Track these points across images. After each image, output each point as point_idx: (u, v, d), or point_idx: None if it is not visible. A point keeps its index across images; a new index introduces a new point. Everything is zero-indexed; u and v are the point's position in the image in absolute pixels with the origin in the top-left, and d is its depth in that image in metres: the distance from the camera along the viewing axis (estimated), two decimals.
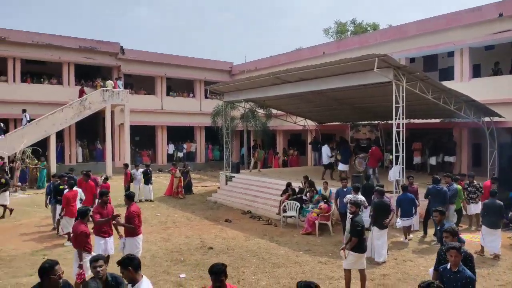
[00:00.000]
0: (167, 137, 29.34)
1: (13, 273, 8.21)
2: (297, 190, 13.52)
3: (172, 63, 28.71)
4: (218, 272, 4.04)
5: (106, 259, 4.61)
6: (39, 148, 21.47)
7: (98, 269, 4.35)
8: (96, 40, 25.90)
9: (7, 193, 13.72)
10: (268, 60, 28.77)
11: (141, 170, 17.46)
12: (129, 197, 7.95)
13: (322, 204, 11.71)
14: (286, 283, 7.82)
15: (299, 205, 12.42)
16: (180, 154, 29.65)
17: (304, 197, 12.95)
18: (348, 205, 7.33)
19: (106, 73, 26.80)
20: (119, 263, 4.24)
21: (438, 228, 7.34)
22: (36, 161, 20.63)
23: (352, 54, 13.38)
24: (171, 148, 29.58)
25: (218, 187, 18.72)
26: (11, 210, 13.70)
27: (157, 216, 13.88)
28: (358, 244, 6.97)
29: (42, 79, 24.86)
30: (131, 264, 4.18)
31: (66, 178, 11.69)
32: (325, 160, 16.85)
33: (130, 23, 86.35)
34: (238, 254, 9.50)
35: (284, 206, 12.72)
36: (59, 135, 23.71)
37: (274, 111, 23.27)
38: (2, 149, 20.34)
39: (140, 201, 16.09)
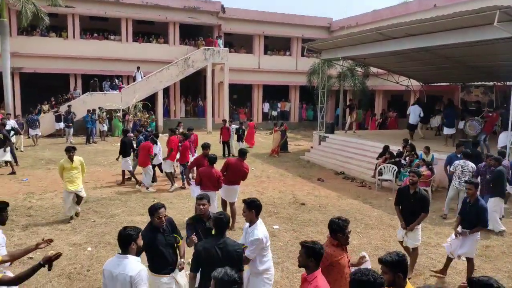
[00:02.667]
0: (263, 95, 29.85)
1: (129, 212, 9.32)
2: (395, 153, 12.96)
3: (270, 20, 28.56)
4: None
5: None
6: (149, 103, 23.45)
7: (201, 207, 4.89)
8: (199, 0, 26.72)
9: (8, 149, 13.27)
10: (370, 15, 27.08)
11: (234, 126, 18.14)
12: (243, 154, 8.60)
13: (424, 169, 11.10)
14: (378, 245, 7.73)
15: (396, 169, 11.94)
16: (275, 113, 30.09)
17: (402, 161, 12.37)
18: (410, 173, 6.47)
19: (208, 32, 27.73)
20: (247, 203, 4.63)
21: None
22: (146, 115, 22.58)
23: (468, 7, 11.94)
24: (266, 106, 30.11)
25: (311, 147, 18.73)
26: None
27: (252, 171, 14.45)
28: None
29: (150, 39, 26.64)
30: (255, 207, 4.59)
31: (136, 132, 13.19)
32: (413, 119, 15.97)
33: None
34: (330, 212, 9.56)
35: (380, 169, 12.34)
36: (166, 91, 25.49)
37: (374, 69, 22.11)
38: (118, 103, 22.65)
39: (233, 155, 16.84)
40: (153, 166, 11.73)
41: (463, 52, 14.00)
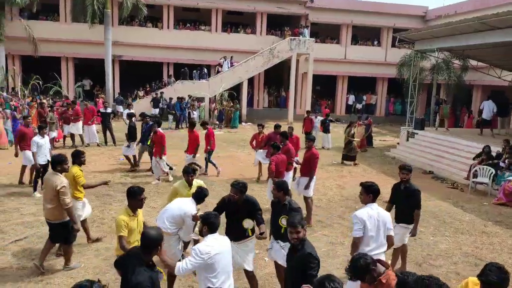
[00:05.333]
0: (348, 87, 29.03)
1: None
2: (494, 155, 11.84)
3: (360, 9, 27.53)
4: None
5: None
6: (234, 92, 24.11)
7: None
8: None
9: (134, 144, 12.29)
10: (471, 3, 24.81)
11: (319, 118, 17.90)
12: (312, 140, 8.42)
13: None
14: (469, 251, 7.19)
15: (493, 172, 10.91)
16: (359, 106, 29.11)
17: (501, 164, 11.28)
18: (401, 170, 6.23)
19: (294, 22, 27.60)
20: (365, 186, 4.86)
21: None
22: (231, 104, 23.27)
23: None
24: (351, 99, 29.24)
25: (398, 143, 17.86)
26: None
27: (333, 164, 14.22)
28: None
29: (238, 29, 27.25)
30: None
31: (147, 118, 12.15)
32: (486, 115, 15.19)
33: None
34: None
35: (475, 171, 11.37)
36: (250, 81, 25.97)
37: (473, 62, 20.30)
38: (206, 91, 23.63)
39: (324, 147, 16.68)
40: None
41: None
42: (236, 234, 4.96)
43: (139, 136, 12.04)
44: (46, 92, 20.72)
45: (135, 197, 4.65)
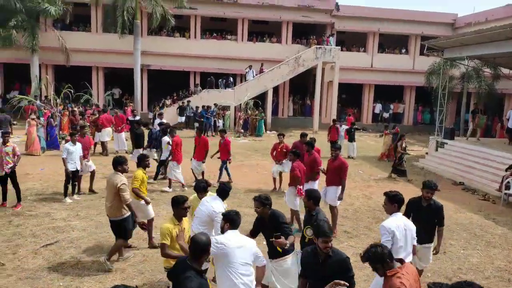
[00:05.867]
0: (374, 95, 28.67)
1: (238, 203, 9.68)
2: None
3: (387, 17, 27.24)
4: None
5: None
6: (259, 101, 24.21)
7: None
8: None
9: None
10: (502, 10, 24.16)
11: (344, 126, 17.73)
12: (339, 149, 8.34)
13: None
14: (501, 266, 6.94)
15: None
16: (386, 115, 28.68)
17: None
18: (425, 189, 5.61)
19: (320, 30, 27.54)
20: (389, 196, 4.81)
21: None
22: (256, 112, 23.36)
23: None
24: (378, 107, 28.85)
25: (426, 153, 17.46)
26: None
27: (360, 174, 14.03)
28: None
29: (264, 38, 27.42)
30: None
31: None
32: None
33: None
34: (446, 225, 8.77)
35: (508, 182, 10.98)
36: (275, 90, 26.02)
37: (505, 71, 19.72)
38: (231, 100, 23.82)
39: (350, 157, 16.48)
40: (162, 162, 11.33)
41: None
42: (270, 251, 4.91)
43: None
44: (77, 101, 21.40)
45: (178, 206, 4.79)
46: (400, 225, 4.65)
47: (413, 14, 27.52)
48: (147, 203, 6.89)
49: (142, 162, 6.87)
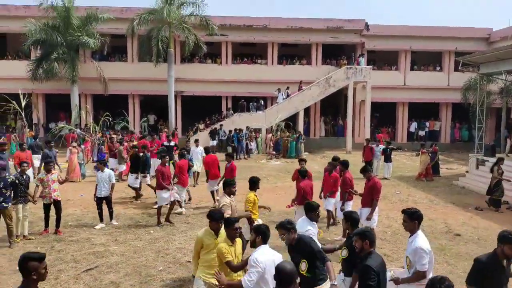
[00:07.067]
0: (408, 114, 28.07)
1: None
2: None
3: (418, 34, 26.87)
4: None
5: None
6: (290, 122, 24.22)
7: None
8: (343, 19, 26.70)
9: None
10: None
11: (381, 146, 17.39)
12: (366, 170, 8.25)
13: None
14: None
15: None
16: (422, 133, 27.93)
17: None
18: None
19: (350, 50, 27.51)
20: (408, 213, 4.83)
21: None
22: (288, 134, 23.34)
23: None
24: (413, 126, 28.17)
25: (467, 171, 16.78)
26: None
27: (397, 194, 13.63)
28: None
29: (294, 61, 27.64)
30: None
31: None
32: None
33: None
34: (490, 247, 8.34)
35: None
36: (306, 111, 25.99)
37: None
38: (262, 123, 23.98)
39: (385, 178, 16.11)
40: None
41: None
42: (302, 281, 4.47)
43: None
44: (114, 128, 22.13)
45: (229, 227, 4.78)
46: (428, 246, 4.68)
47: (445, 30, 27.05)
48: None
49: (255, 184, 7.17)
